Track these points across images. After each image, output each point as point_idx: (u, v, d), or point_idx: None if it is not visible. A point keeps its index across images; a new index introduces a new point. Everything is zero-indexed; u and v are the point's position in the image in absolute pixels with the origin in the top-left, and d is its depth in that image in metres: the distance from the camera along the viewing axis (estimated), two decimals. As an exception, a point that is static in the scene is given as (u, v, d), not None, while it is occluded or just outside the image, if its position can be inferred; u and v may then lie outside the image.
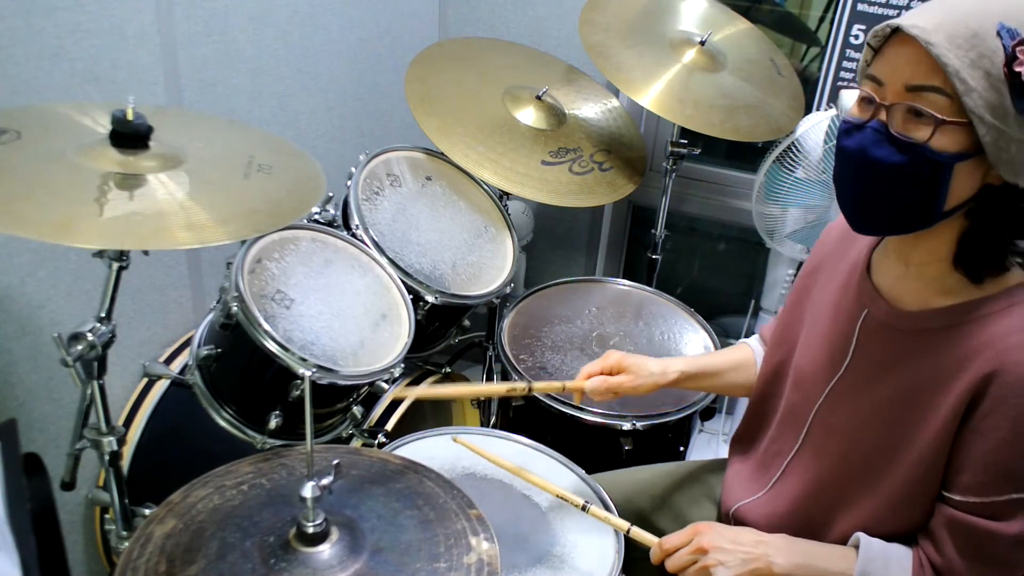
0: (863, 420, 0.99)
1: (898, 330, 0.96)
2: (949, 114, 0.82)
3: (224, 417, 1.28)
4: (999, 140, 0.81)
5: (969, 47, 0.80)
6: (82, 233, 0.84)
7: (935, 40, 0.80)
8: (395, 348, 1.33)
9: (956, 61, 0.80)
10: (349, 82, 1.98)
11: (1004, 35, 0.79)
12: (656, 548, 1.05)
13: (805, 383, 1.09)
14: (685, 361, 1.25)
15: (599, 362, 1.23)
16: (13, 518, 0.83)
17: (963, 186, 0.86)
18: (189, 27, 1.46)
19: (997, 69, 0.80)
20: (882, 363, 0.98)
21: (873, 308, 1.00)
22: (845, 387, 1.03)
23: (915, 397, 0.94)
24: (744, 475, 1.21)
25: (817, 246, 1.16)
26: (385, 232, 1.50)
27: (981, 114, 0.80)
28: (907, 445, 0.94)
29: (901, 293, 0.98)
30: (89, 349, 0.99)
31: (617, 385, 1.20)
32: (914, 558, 0.95)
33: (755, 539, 1.01)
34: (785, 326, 1.17)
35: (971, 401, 0.88)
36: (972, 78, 0.80)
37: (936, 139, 0.83)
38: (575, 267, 2.51)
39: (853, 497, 1.01)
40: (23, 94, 1.20)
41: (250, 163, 1.07)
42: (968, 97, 0.80)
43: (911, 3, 1.72)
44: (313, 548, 0.86)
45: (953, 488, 0.92)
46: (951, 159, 0.83)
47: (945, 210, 0.87)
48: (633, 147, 1.91)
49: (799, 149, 1.73)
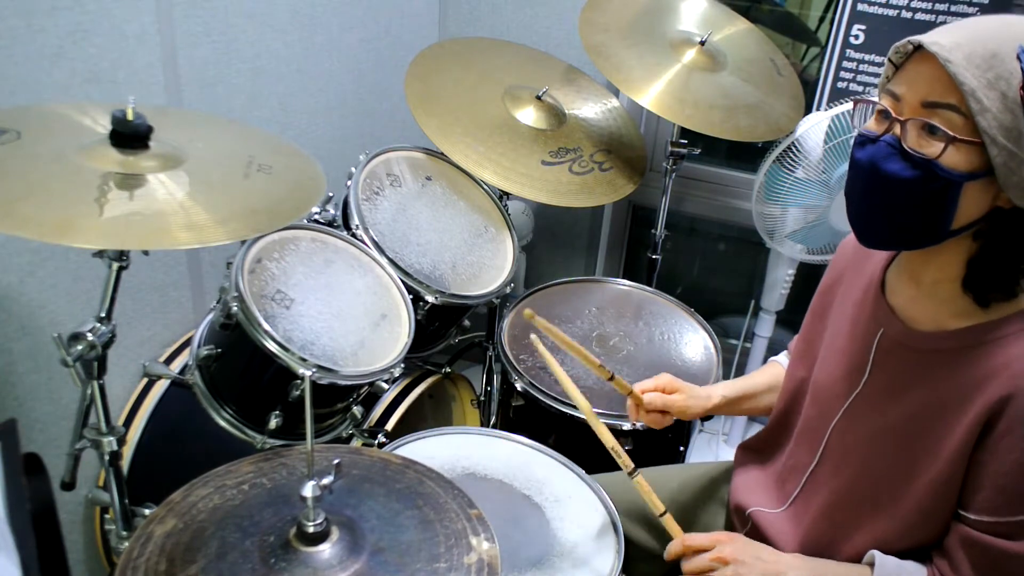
0: (880, 438, 0.99)
1: (913, 350, 0.97)
2: (962, 132, 0.82)
3: (224, 417, 1.28)
4: (1010, 162, 0.81)
5: (987, 67, 0.80)
6: (82, 233, 0.84)
7: (954, 58, 0.81)
8: (395, 348, 1.33)
9: (973, 80, 0.80)
10: (349, 82, 1.98)
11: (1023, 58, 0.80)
12: (678, 543, 1.06)
13: (823, 399, 1.09)
14: (725, 386, 1.26)
15: (653, 380, 1.22)
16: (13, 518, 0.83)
17: (972, 206, 0.86)
18: (189, 27, 1.46)
19: (1013, 91, 0.80)
20: (898, 382, 0.98)
21: (888, 328, 1.00)
22: (862, 405, 1.03)
23: (931, 417, 0.94)
24: (759, 484, 1.21)
25: (834, 261, 1.16)
26: (385, 232, 1.50)
27: (994, 135, 0.80)
28: (923, 464, 0.94)
29: (915, 313, 0.98)
30: (89, 349, 0.99)
31: (672, 403, 1.20)
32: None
33: (774, 558, 1.03)
34: (807, 341, 1.17)
35: (987, 423, 0.88)
36: (988, 98, 0.80)
37: (947, 156, 0.83)
38: (575, 267, 2.51)
39: (869, 514, 1.01)
40: (23, 94, 1.20)
41: (250, 163, 1.07)
42: (982, 117, 0.80)
43: (911, 3, 1.72)
44: (313, 548, 0.86)
45: (969, 508, 0.92)
46: (961, 177, 0.84)
47: (953, 228, 0.87)
48: (633, 147, 1.91)
49: (799, 149, 1.73)
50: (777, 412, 1.22)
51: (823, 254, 1.89)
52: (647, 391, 1.21)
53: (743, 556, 1.01)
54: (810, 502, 1.10)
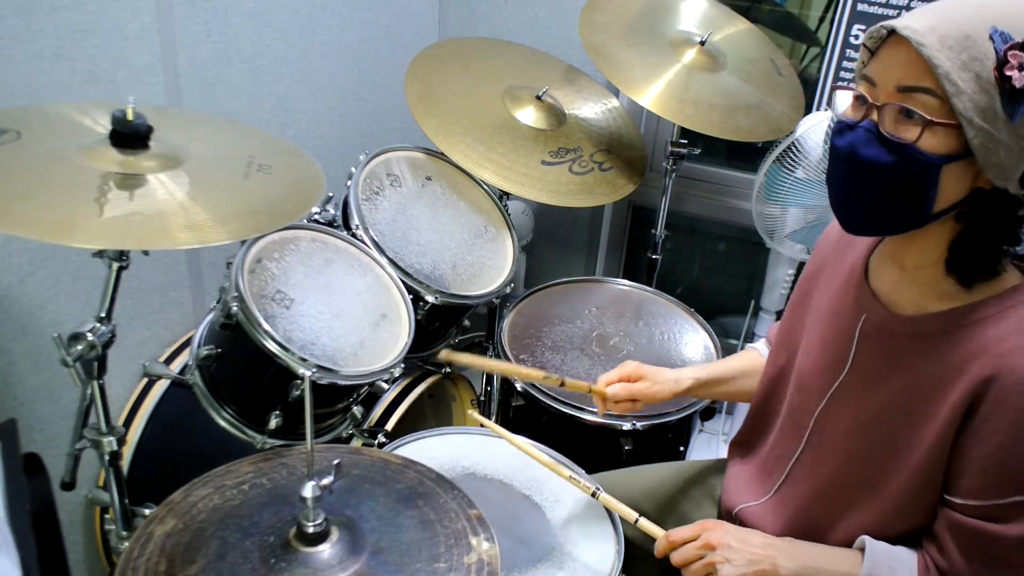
0: (864, 425, 0.99)
1: (896, 334, 0.97)
2: (939, 115, 0.82)
3: (224, 417, 1.28)
4: (988, 143, 0.81)
5: (961, 49, 0.80)
6: (82, 233, 0.84)
7: (927, 41, 0.81)
8: (395, 348, 1.33)
9: (947, 63, 0.80)
10: (349, 82, 1.98)
11: (996, 38, 0.80)
12: (662, 540, 1.06)
13: (806, 387, 1.09)
14: (697, 369, 1.26)
15: (616, 371, 1.23)
16: (13, 518, 0.83)
17: (952, 188, 0.86)
18: (189, 27, 1.46)
19: (988, 72, 0.80)
20: (881, 368, 0.98)
21: (871, 313, 1.00)
22: (846, 391, 1.03)
23: (915, 401, 0.94)
24: (746, 478, 1.21)
25: (817, 248, 1.16)
26: (385, 232, 1.50)
27: (970, 116, 0.80)
28: (908, 449, 0.94)
29: (898, 298, 0.98)
30: (89, 349, 0.99)
31: (638, 392, 1.20)
32: (919, 561, 0.95)
33: (763, 541, 1.02)
34: (788, 329, 1.17)
35: (969, 405, 0.88)
36: (962, 80, 0.80)
37: (925, 139, 0.83)
38: (575, 267, 2.51)
39: (856, 501, 1.01)
40: (23, 94, 1.20)
41: (250, 163, 1.07)
42: (958, 99, 0.80)
43: (911, 3, 1.72)
44: (313, 548, 0.86)
45: (955, 492, 0.92)
46: (939, 160, 0.84)
47: (935, 211, 0.87)
48: (633, 147, 1.91)
49: (799, 149, 1.73)
50: (757, 401, 1.22)
51: (823, 254, 1.89)
52: (611, 382, 1.21)
53: (727, 540, 1.01)
54: (795, 491, 1.09)
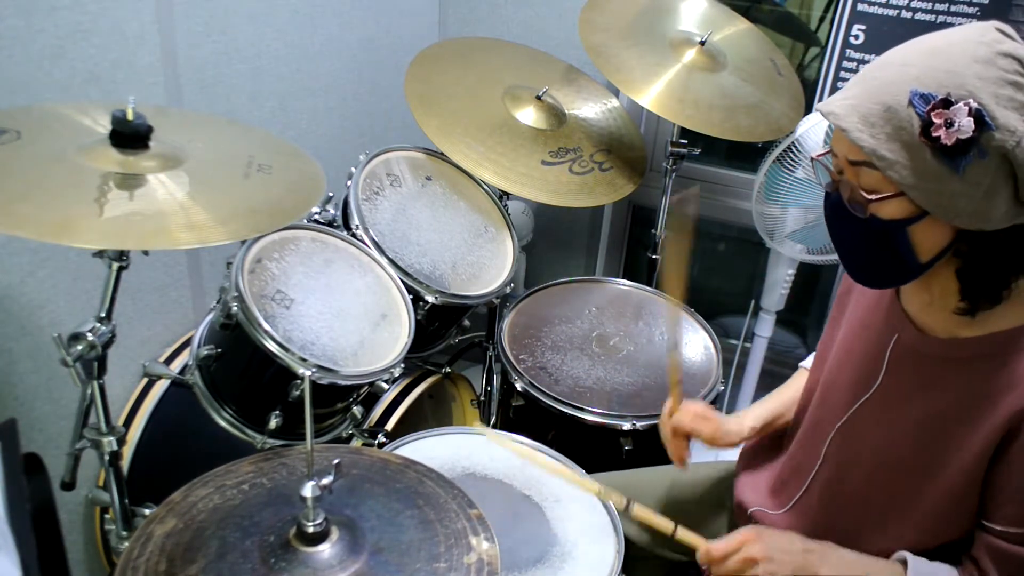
0: (891, 443, 0.99)
1: (928, 357, 0.96)
2: (884, 187, 0.84)
3: (224, 417, 1.28)
4: (940, 200, 0.81)
5: (884, 123, 0.81)
6: (82, 233, 0.84)
7: (848, 125, 0.82)
8: (395, 348, 1.33)
9: (871, 140, 0.81)
10: (349, 82, 1.98)
11: (917, 102, 0.80)
12: (703, 555, 1.04)
13: (830, 400, 1.09)
14: (754, 417, 1.23)
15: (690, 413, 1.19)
16: (13, 518, 0.83)
17: (931, 239, 0.87)
18: (189, 27, 1.46)
19: (915, 138, 0.80)
20: (911, 388, 0.98)
21: (903, 333, 1.00)
22: (871, 408, 1.02)
23: (944, 424, 0.94)
24: (763, 485, 1.20)
25: None
26: (385, 232, 1.50)
27: (911, 183, 0.81)
28: (936, 471, 0.94)
29: (929, 321, 0.97)
30: (89, 349, 0.99)
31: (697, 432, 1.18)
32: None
33: (804, 548, 1.01)
34: (824, 346, 1.17)
35: (1006, 434, 0.88)
36: (892, 152, 0.81)
37: (882, 208, 0.85)
38: (575, 267, 2.51)
39: (879, 519, 1.01)
40: (23, 94, 1.20)
41: (250, 163, 1.07)
42: (892, 171, 0.81)
43: (911, 3, 1.72)
44: (313, 548, 0.86)
45: (995, 519, 0.92)
46: (901, 224, 0.85)
47: (923, 262, 0.88)
48: (633, 147, 1.91)
49: (799, 149, 1.73)
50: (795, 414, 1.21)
51: (823, 254, 1.89)
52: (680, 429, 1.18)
53: (771, 552, 0.99)
54: (815, 503, 1.09)
